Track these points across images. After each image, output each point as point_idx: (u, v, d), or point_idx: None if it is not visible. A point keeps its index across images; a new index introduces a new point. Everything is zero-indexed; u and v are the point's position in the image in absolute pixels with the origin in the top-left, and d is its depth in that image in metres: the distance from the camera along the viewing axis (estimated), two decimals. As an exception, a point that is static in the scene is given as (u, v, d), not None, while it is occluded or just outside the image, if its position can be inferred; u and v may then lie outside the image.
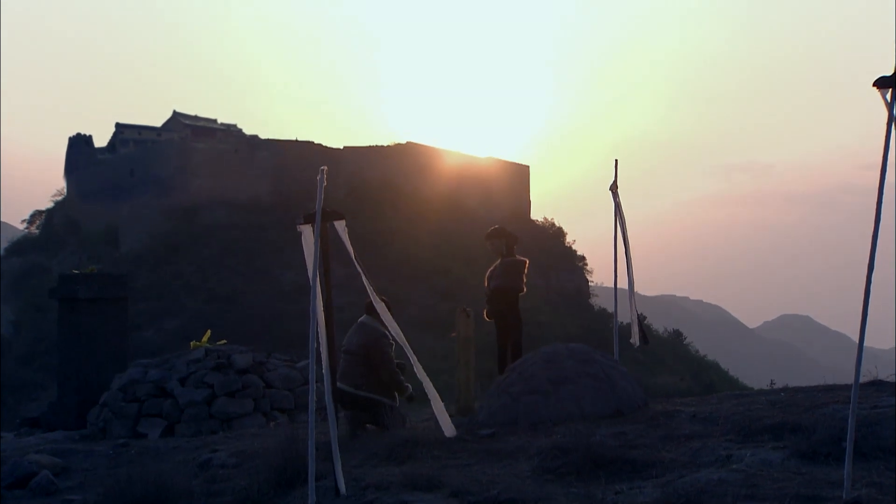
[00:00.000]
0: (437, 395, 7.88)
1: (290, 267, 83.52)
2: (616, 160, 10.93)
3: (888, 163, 5.86)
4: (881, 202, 5.89)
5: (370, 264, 11.05)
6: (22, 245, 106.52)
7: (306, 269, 6.47)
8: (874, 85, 5.75)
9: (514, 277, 10.97)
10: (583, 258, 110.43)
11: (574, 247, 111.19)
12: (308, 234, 6.52)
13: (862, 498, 5.71)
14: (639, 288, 11.37)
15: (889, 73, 5.71)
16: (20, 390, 63.82)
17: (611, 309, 12.00)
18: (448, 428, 8.05)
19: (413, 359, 7.41)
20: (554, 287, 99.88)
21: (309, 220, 6.53)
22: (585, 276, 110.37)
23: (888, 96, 5.73)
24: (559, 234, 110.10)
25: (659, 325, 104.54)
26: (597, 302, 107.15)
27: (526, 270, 11.13)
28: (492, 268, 11.14)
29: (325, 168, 6.29)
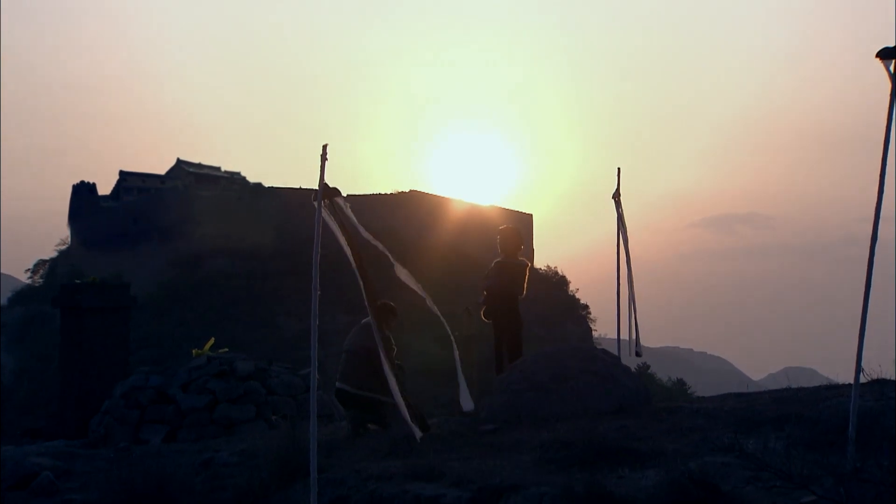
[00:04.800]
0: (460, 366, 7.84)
1: (293, 315, 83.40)
2: (619, 168, 10.95)
3: (891, 139, 5.91)
4: (883, 178, 5.94)
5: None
6: (25, 295, 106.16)
7: (310, 310, 6.47)
8: (877, 56, 5.80)
9: (505, 280, 10.85)
10: (586, 307, 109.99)
11: (577, 295, 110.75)
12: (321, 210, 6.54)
13: (865, 469, 5.70)
14: (642, 338, 11.31)
15: (892, 44, 5.77)
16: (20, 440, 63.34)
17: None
18: (466, 402, 8.01)
19: (434, 309, 7.40)
20: (557, 336, 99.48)
21: (314, 197, 6.58)
22: (589, 325, 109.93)
23: (892, 67, 5.79)
24: (562, 282, 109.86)
25: (662, 375, 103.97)
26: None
27: (526, 273, 11.01)
28: (488, 269, 11.11)
29: (327, 144, 6.35)
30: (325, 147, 6.36)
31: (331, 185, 6.51)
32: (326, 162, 6.41)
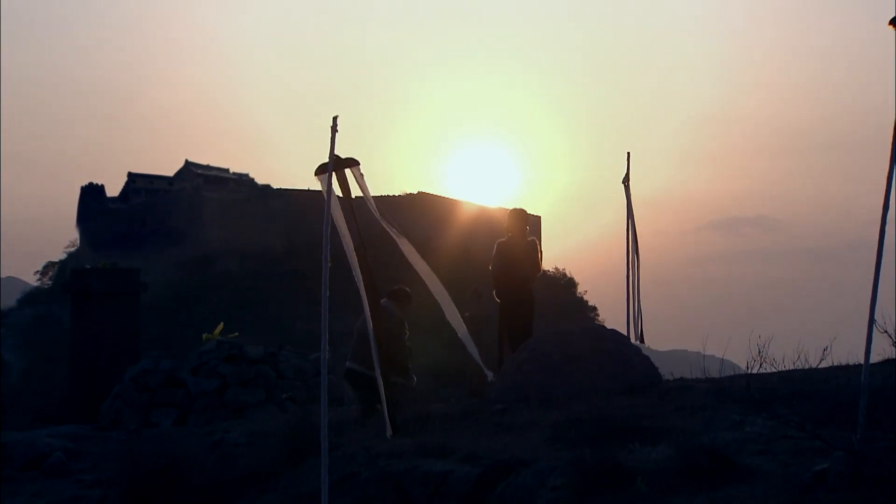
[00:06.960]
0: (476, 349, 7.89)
1: (301, 317, 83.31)
2: (628, 153, 10.93)
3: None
4: None
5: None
6: (34, 296, 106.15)
7: (318, 317, 6.47)
8: (890, 23, 5.82)
9: (507, 259, 10.69)
10: (594, 309, 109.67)
11: (586, 297, 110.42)
12: (325, 184, 6.53)
13: (878, 436, 5.70)
14: (650, 342, 11.17)
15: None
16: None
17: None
18: (490, 373, 8.10)
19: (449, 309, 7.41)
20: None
21: (322, 170, 6.56)
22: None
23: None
24: (571, 284, 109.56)
25: (670, 377, 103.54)
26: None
27: (536, 251, 10.83)
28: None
29: (338, 116, 6.36)
30: (335, 119, 6.37)
31: (344, 157, 6.50)
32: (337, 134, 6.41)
